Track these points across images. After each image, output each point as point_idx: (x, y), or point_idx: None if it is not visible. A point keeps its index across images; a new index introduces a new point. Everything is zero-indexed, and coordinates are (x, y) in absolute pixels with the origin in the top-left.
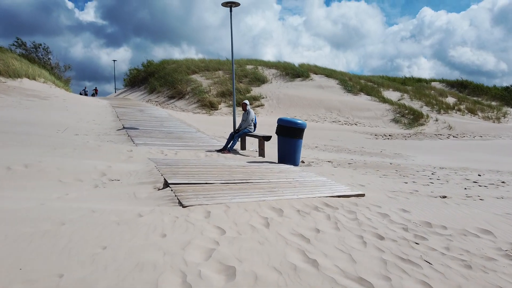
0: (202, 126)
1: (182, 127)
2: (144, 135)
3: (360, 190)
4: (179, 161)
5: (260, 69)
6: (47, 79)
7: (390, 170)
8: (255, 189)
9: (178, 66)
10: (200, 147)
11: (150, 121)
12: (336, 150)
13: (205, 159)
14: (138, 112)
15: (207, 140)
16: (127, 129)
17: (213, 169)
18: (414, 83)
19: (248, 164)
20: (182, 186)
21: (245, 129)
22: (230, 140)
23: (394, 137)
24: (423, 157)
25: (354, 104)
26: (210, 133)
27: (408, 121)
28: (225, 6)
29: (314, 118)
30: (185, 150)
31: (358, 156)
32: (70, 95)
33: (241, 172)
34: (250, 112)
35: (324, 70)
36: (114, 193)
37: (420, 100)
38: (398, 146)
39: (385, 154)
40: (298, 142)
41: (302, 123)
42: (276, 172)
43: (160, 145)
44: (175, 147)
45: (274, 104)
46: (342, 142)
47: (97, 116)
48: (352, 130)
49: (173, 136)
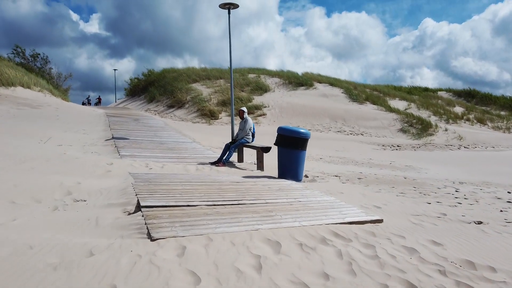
0: (200, 136)
1: (176, 137)
2: (133, 146)
3: (376, 214)
4: (163, 176)
5: (263, 77)
6: (44, 88)
7: (407, 186)
8: (248, 213)
9: (179, 75)
10: (192, 159)
11: (143, 131)
12: (342, 162)
13: (195, 173)
14: (133, 121)
15: (202, 151)
16: (116, 139)
17: (200, 187)
18: (420, 92)
19: (243, 180)
20: (157, 209)
21: (242, 139)
22: (225, 152)
23: (402, 147)
24: (437, 169)
25: (359, 113)
26: (207, 143)
27: (416, 131)
28: (223, 8)
29: (318, 128)
30: (174, 163)
31: (366, 168)
32: (65, 104)
33: (234, 190)
34: (248, 120)
35: (328, 79)
36: (73, 219)
37: (428, 110)
38: (408, 158)
39: (395, 167)
40: (301, 154)
41: (306, 132)
42: (275, 190)
43: (148, 157)
44: (164, 159)
45: (276, 113)
46: (348, 153)
47: (88, 126)
48: (358, 141)
49: (165, 147)
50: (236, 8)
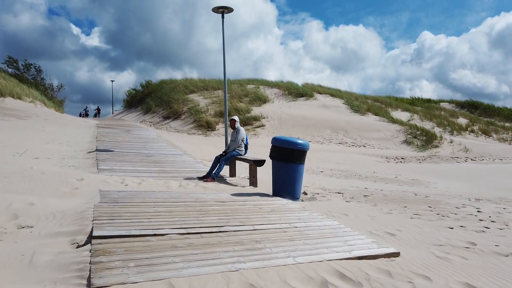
0: (193, 148)
1: (166, 149)
2: (116, 159)
3: (390, 243)
4: (136, 195)
5: (262, 88)
6: (36, 98)
7: (421, 205)
8: (229, 244)
9: (176, 85)
10: (179, 173)
11: (131, 143)
12: (345, 175)
13: (176, 190)
14: (124, 132)
15: (192, 164)
16: (99, 152)
17: (177, 208)
18: (422, 103)
19: (231, 199)
20: (112, 241)
21: (234, 152)
22: (215, 165)
23: (407, 160)
24: (446, 183)
25: (361, 124)
26: (200, 155)
27: (421, 143)
28: (216, 12)
29: (318, 140)
30: (156, 178)
31: (371, 183)
32: (57, 115)
33: (217, 212)
34: (240, 131)
35: (329, 89)
36: (3, 255)
37: (431, 121)
38: (413, 171)
39: (401, 181)
40: (298, 168)
41: (304, 143)
42: (267, 212)
43: (129, 171)
44: (146, 173)
45: (275, 125)
46: (350, 166)
47: (74, 137)
48: (361, 153)
49: (151, 160)
50: (230, 12)
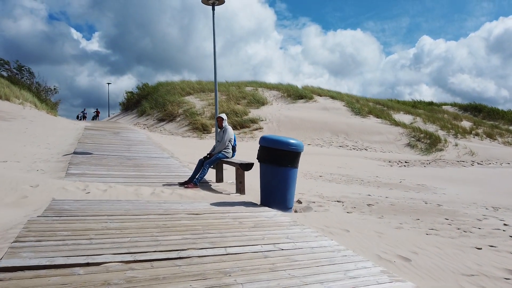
0: (185, 150)
1: (152, 152)
2: (91, 162)
3: (405, 273)
4: (93, 205)
5: (260, 90)
6: (27, 100)
7: (435, 217)
8: (186, 279)
9: (172, 87)
10: (158, 178)
11: (115, 145)
12: (345, 180)
13: (146, 199)
14: (111, 135)
15: (176, 168)
16: (76, 155)
17: (135, 223)
18: (425, 106)
19: (209, 209)
20: (20, 275)
21: (219, 154)
22: (198, 170)
23: (411, 164)
24: (454, 189)
25: (363, 127)
26: (190, 159)
27: (425, 146)
28: (206, 3)
29: (318, 142)
30: (129, 184)
31: (374, 188)
32: (46, 117)
33: (185, 228)
34: (228, 130)
35: (329, 92)
36: None
37: (434, 124)
38: (418, 175)
39: (406, 186)
40: (291, 173)
41: (297, 143)
42: (248, 228)
43: (101, 176)
44: (120, 178)
45: (274, 127)
46: (352, 170)
47: (56, 139)
48: (362, 156)
49: (132, 163)
50: (221, 4)
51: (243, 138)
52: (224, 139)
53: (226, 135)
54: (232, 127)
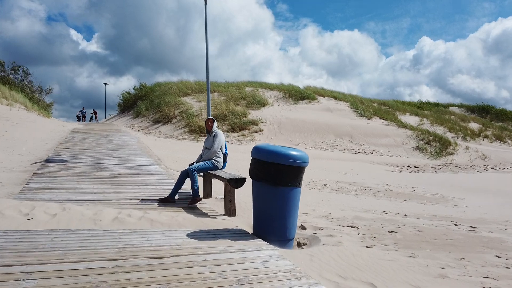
0: (176, 156)
1: (138, 158)
2: (60, 173)
3: None
4: (20, 241)
5: (261, 91)
6: (17, 101)
7: (482, 253)
8: None
9: (169, 88)
10: (134, 193)
11: (98, 151)
12: (353, 189)
13: (107, 227)
14: (98, 138)
15: (159, 179)
16: (47, 163)
17: (64, 280)
18: (431, 107)
19: (182, 247)
20: None
21: (207, 163)
22: (180, 183)
23: (421, 169)
24: (475, 200)
25: (368, 129)
26: (179, 165)
27: (435, 150)
28: None
29: (321, 146)
30: (92, 203)
31: (386, 201)
32: (33, 118)
33: (127, 282)
34: (219, 135)
35: (332, 93)
36: None
37: (442, 126)
38: (431, 182)
39: (421, 196)
40: (292, 194)
41: (301, 155)
42: (228, 286)
43: (65, 190)
44: (88, 194)
45: (275, 130)
46: (358, 177)
47: (35, 144)
48: (369, 161)
49: (108, 173)
50: None
51: (242, 141)
52: (214, 146)
53: (217, 141)
54: (231, 129)
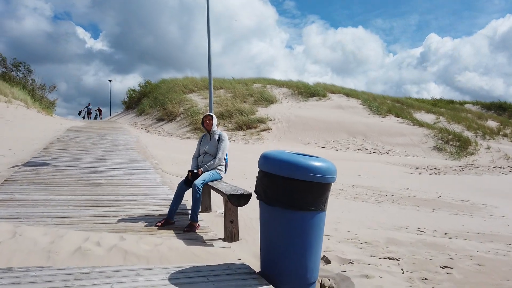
0: (178, 157)
1: (132, 161)
2: (36, 179)
3: None
4: None
5: (269, 88)
6: (17, 98)
7: None
8: None
9: (174, 85)
10: (117, 206)
11: (89, 152)
12: (374, 196)
13: (63, 263)
14: (94, 138)
15: (152, 187)
16: (26, 166)
17: None
18: (446, 105)
19: None
20: None
21: (212, 174)
22: (178, 199)
23: (441, 170)
24: (509, 207)
25: (383, 127)
26: (179, 169)
27: (454, 150)
28: None
29: (333, 145)
30: (58, 222)
31: (413, 210)
32: (32, 115)
33: None
34: (225, 139)
35: (343, 89)
36: None
37: (459, 124)
38: (455, 186)
39: (450, 204)
40: (314, 220)
41: (327, 167)
42: None
43: (33, 203)
44: (56, 209)
45: (283, 128)
46: (375, 180)
47: (23, 144)
48: (385, 161)
49: (93, 180)
50: None
51: (249, 140)
52: (220, 151)
53: (223, 145)
54: (237, 127)
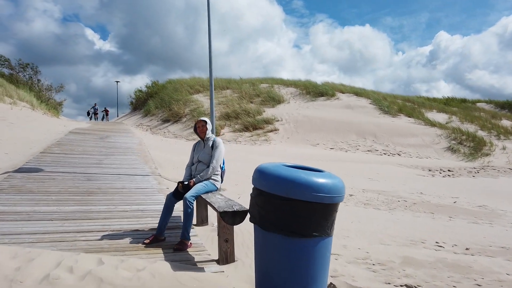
0: (181, 159)
1: (130, 166)
2: (24, 188)
3: None
4: None
5: (276, 88)
6: (23, 99)
7: None
8: None
9: (180, 85)
10: (106, 218)
11: (87, 156)
12: (385, 202)
13: None
14: (95, 140)
15: (147, 194)
16: (17, 173)
17: None
18: (458, 103)
19: None
20: None
21: (206, 185)
22: (166, 214)
23: (456, 172)
24: None
25: (393, 128)
26: (180, 174)
27: (469, 151)
28: None
29: (342, 146)
30: (35, 240)
31: (429, 219)
32: (35, 117)
33: None
34: (220, 146)
35: (352, 88)
36: None
37: (473, 123)
38: (471, 190)
39: (467, 210)
40: (319, 248)
41: (333, 184)
42: None
43: (15, 215)
44: (39, 224)
45: (291, 129)
46: (386, 183)
47: (21, 147)
48: (396, 163)
49: (85, 188)
50: None
51: (255, 141)
52: (215, 160)
53: (218, 154)
54: (244, 128)
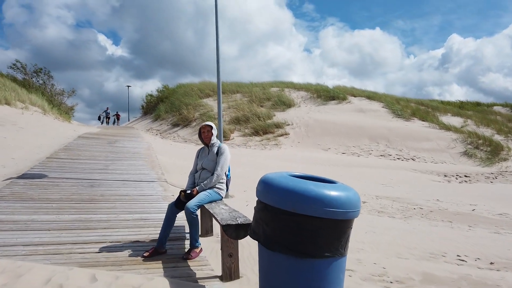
0: (188, 165)
1: (136, 172)
2: (25, 195)
3: None
4: None
5: (287, 91)
6: (35, 104)
7: None
8: None
9: (190, 89)
10: (106, 227)
11: (94, 161)
12: (401, 210)
13: None
14: (104, 145)
15: (151, 202)
16: (20, 179)
17: None
18: (473, 107)
19: None
20: None
21: (209, 194)
22: (168, 225)
23: (472, 178)
24: None
25: (407, 132)
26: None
27: (485, 155)
28: None
29: (354, 151)
30: (27, 252)
31: (447, 228)
32: (45, 121)
33: None
34: (225, 152)
35: (364, 92)
36: None
37: (489, 127)
38: (490, 197)
39: (487, 219)
40: (331, 269)
41: (346, 198)
42: None
43: (12, 225)
44: (36, 233)
45: (301, 133)
46: (401, 189)
47: (29, 152)
48: (410, 168)
49: (87, 195)
50: None
51: (265, 146)
52: (219, 168)
53: (223, 159)
54: (254, 132)
